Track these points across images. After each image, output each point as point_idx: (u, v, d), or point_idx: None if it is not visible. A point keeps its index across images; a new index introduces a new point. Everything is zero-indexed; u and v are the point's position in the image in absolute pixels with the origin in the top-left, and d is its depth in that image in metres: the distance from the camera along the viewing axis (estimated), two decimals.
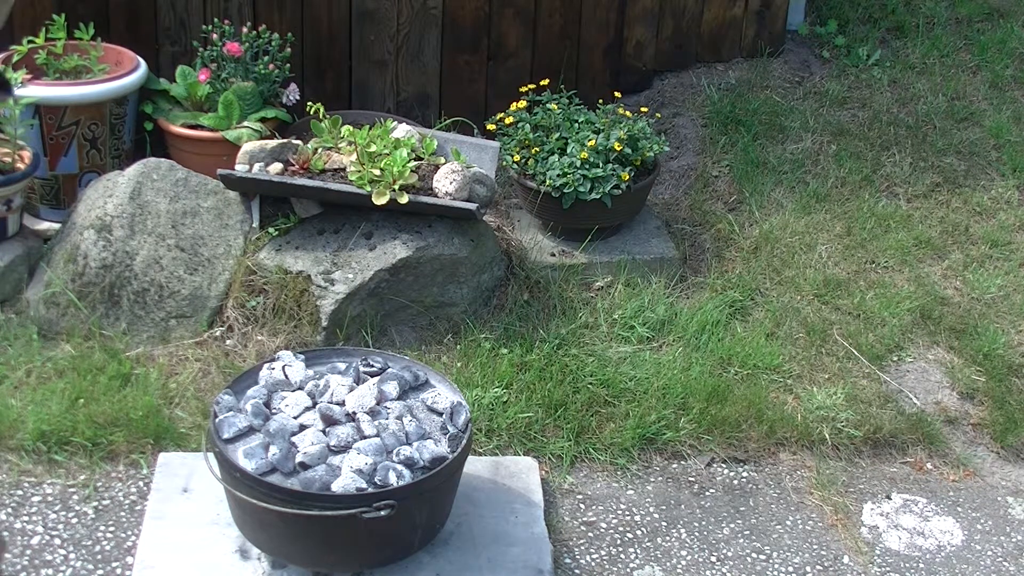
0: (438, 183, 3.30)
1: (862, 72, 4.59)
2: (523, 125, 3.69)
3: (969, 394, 3.37)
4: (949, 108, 4.43)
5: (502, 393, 3.12)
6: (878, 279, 3.70)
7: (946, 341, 3.52)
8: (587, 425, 3.10)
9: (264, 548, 2.55)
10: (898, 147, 4.23)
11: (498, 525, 2.72)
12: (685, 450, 3.12)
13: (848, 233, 3.85)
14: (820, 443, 3.16)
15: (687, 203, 3.97)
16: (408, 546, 2.54)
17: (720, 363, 3.32)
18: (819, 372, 3.36)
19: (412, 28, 4.07)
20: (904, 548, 2.91)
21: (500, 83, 4.18)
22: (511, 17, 4.14)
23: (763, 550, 2.85)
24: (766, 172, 4.06)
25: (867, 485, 3.09)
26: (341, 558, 2.51)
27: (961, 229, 3.93)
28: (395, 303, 3.29)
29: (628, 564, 2.77)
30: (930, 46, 4.73)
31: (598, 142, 3.58)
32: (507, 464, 2.93)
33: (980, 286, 3.70)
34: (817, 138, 4.23)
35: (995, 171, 4.19)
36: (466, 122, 4.04)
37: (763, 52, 4.56)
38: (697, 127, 4.27)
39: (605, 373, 3.22)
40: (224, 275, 3.30)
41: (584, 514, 2.91)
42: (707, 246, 3.80)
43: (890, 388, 3.35)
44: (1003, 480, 3.17)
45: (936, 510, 3.04)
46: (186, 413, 3.00)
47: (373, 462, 2.44)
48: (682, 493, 3.01)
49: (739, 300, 3.56)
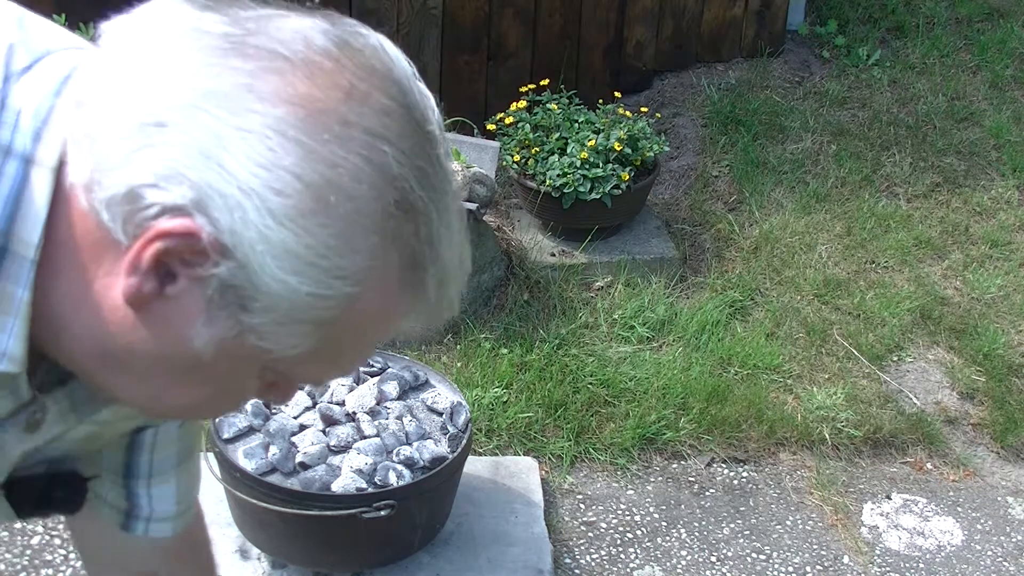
0: None
1: (862, 72, 4.59)
2: (523, 125, 3.69)
3: (969, 394, 3.37)
4: (949, 108, 4.43)
5: (502, 393, 3.12)
6: (878, 279, 3.70)
7: (946, 341, 3.52)
8: (587, 425, 3.10)
9: (264, 548, 2.55)
10: (898, 147, 4.23)
11: (498, 525, 2.72)
12: (685, 450, 3.12)
13: (848, 233, 3.85)
14: (820, 443, 3.16)
15: (687, 203, 3.97)
16: (408, 546, 2.54)
17: (720, 363, 3.32)
18: (819, 372, 3.36)
19: (412, 28, 4.07)
20: (904, 548, 2.91)
21: (500, 83, 4.18)
22: (511, 17, 4.14)
23: (763, 550, 2.85)
24: (766, 172, 4.06)
25: (867, 485, 3.09)
26: (341, 558, 2.51)
27: (961, 229, 3.93)
28: None
29: (628, 564, 2.77)
30: (930, 46, 4.73)
31: (598, 142, 3.58)
32: (507, 464, 2.93)
33: (980, 286, 3.70)
34: (817, 138, 4.23)
35: (995, 171, 4.19)
36: (466, 122, 4.04)
37: (763, 52, 4.56)
38: (697, 127, 4.27)
39: (605, 373, 3.22)
40: None
41: (584, 514, 2.91)
42: (707, 246, 3.80)
43: (890, 388, 3.35)
44: (1003, 480, 3.17)
45: (936, 510, 3.04)
46: None
47: (373, 462, 2.44)
48: (682, 493, 3.01)
49: (739, 300, 3.56)
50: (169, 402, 0.89)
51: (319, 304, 0.79)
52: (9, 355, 0.83)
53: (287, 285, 0.78)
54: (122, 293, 0.80)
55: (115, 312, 0.81)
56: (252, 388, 0.89)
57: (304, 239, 0.77)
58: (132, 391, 0.88)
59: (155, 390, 0.87)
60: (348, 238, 0.78)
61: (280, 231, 0.76)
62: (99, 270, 0.81)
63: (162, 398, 0.88)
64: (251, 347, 0.81)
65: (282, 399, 0.93)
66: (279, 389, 0.91)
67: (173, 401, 0.88)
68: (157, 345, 0.82)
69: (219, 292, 0.79)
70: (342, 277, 0.79)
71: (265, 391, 0.90)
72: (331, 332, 0.82)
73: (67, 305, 0.83)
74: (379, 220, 0.79)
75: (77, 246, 0.81)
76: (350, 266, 0.79)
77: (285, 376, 0.88)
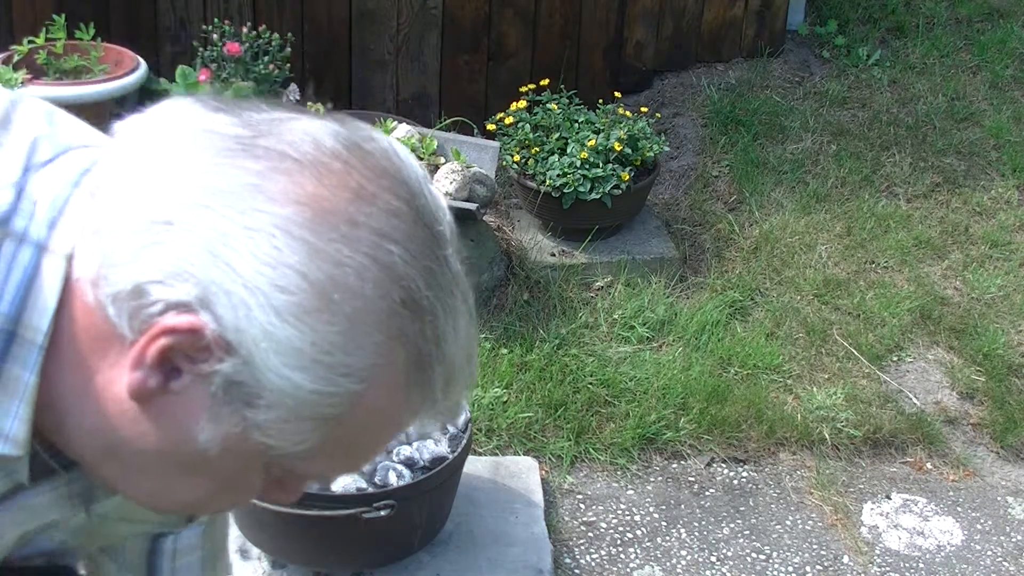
0: (438, 183, 3.30)
1: (862, 72, 4.59)
2: (523, 125, 3.69)
3: (969, 394, 3.37)
4: (949, 108, 4.43)
5: (502, 393, 3.12)
6: (878, 279, 3.70)
7: (946, 341, 3.52)
8: (587, 425, 3.10)
9: (264, 548, 2.55)
10: (898, 147, 4.23)
11: (498, 525, 2.72)
12: (685, 450, 3.12)
13: (848, 233, 3.85)
14: (820, 443, 3.16)
15: (687, 203, 3.97)
16: (408, 546, 2.54)
17: (720, 363, 3.32)
18: (819, 372, 3.36)
19: (412, 28, 4.07)
20: (904, 548, 2.90)
21: (500, 83, 4.18)
22: (511, 17, 4.14)
23: (763, 550, 2.85)
24: (766, 172, 4.06)
25: (867, 485, 3.09)
26: (341, 558, 2.51)
27: (961, 229, 3.93)
28: None
29: (628, 564, 2.77)
30: (930, 46, 4.73)
31: (598, 142, 3.58)
32: (507, 464, 2.93)
33: (980, 286, 3.70)
34: (817, 138, 4.23)
35: (995, 171, 4.19)
36: (466, 122, 4.04)
37: (763, 52, 4.56)
38: (697, 127, 4.27)
39: (605, 373, 3.22)
40: None
41: (584, 514, 2.91)
42: (707, 246, 3.80)
43: (890, 388, 3.35)
44: (1003, 480, 3.17)
45: (936, 510, 3.04)
46: None
47: (373, 462, 2.44)
48: (682, 493, 3.01)
49: (739, 300, 3.56)
50: (172, 497, 0.88)
51: (323, 401, 0.79)
52: (11, 438, 0.83)
53: (291, 382, 0.78)
54: (126, 387, 0.80)
55: (118, 405, 0.81)
56: (257, 484, 0.88)
57: (309, 336, 0.77)
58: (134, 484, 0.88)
59: (157, 484, 0.87)
60: (353, 336, 0.78)
61: (284, 328, 0.76)
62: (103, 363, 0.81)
63: (164, 493, 0.88)
64: (256, 443, 0.81)
65: (289, 497, 0.92)
66: (286, 486, 0.90)
67: (176, 496, 0.88)
68: (160, 440, 0.82)
69: (223, 388, 0.79)
70: (347, 375, 0.79)
71: (271, 488, 0.89)
72: (336, 429, 0.81)
73: (70, 395, 0.83)
74: (385, 319, 0.79)
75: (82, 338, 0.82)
76: (355, 363, 0.79)
77: (291, 472, 0.87)
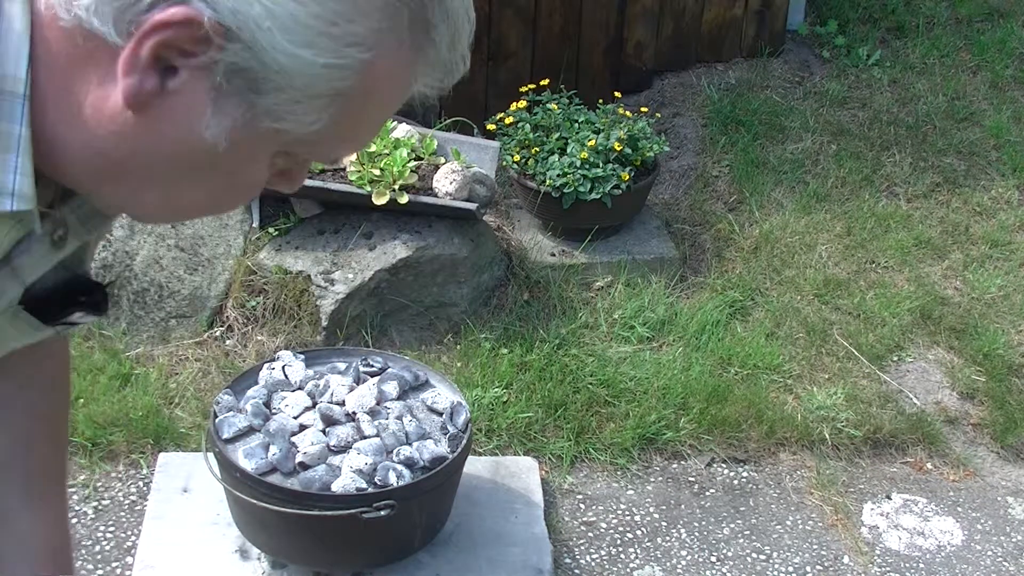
0: (438, 183, 3.30)
1: (862, 72, 4.59)
2: (523, 125, 3.69)
3: (969, 394, 3.37)
4: (949, 108, 4.43)
5: (502, 393, 3.12)
6: (878, 279, 3.70)
7: (946, 341, 3.52)
8: (587, 425, 3.10)
9: (264, 548, 2.55)
10: (898, 147, 4.23)
11: (498, 525, 2.72)
12: (685, 450, 3.12)
13: (848, 233, 3.85)
14: (820, 443, 3.16)
15: (687, 203, 3.97)
16: (408, 546, 2.54)
17: (720, 363, 3.32)
18: (819, 372, 3.36)
19: None
20: (904, 548, 2.90)
21: (500, 83, 4.18)
22: (511, 17, 4.14)
23: (763, 550, 2.85)
24: (766, 172, 4.06)
25: (867, 485, 3.09)
26: (341, 558, 2.51)
27: (961, 229, 3.93)
28: (395, 303, 3.29)
29: (628, 564, 2.77)
30: (930, 46, 4.73)
31: (598, 142, 3.58)
32: (507, 464, 2.93)
33: (980, 286, 3.70)
34: (817, 138, 4.23)
35: (995, 171, 4.19)
36: (466, 122, 4.04)
37: (763, 52, 4.56)
38: (697, 127, 4.27)
39: (605, 373, 3.21)
40: (224, 275, 3.30)
41: (584, 514, 2.91)
42: (707, 246, 3.80)
43: (890, 388, 3.35)
44: (1003, 480, 3.17)
45: (936, 510, 3.04)
46: (186, 413, 3.00)
47: (373, 462, 2.44)
48: (682, 493, 3.01)
49: (739, 300, 3.56)
50: (178, 203, 0.86)
51: (335, 75, 0.77)
52: (19, 193, 0.80)
53: (300, 59, 0.75)
54: (121, 96, 0.77)
55: (115, 120, 0.78)
56: (262, 177, 0.86)
57: (311, 8, 0.74)
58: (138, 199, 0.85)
59: (163, 193, 0.84)
60: (356, 2, 0.76)
61: (286, 3, 0.73)
62: (90, 84, 0.78)
63: (171, 200, 0.86)
64: (265, 131, 0.79)
65: (292, 186, 0.89)
66: (289, 175, 0.88)
67: (182, 202, 0.86)
68: (164, 144, 0.79)
69: (226, 78, 0.76)
70: (355, 44, 0.76)
71: (276, 180, 0.87)
72: (348, 103, 0.80)
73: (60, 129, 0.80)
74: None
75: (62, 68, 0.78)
76: (362, 31, 0.77)
77: (298, 159, 0.85)
